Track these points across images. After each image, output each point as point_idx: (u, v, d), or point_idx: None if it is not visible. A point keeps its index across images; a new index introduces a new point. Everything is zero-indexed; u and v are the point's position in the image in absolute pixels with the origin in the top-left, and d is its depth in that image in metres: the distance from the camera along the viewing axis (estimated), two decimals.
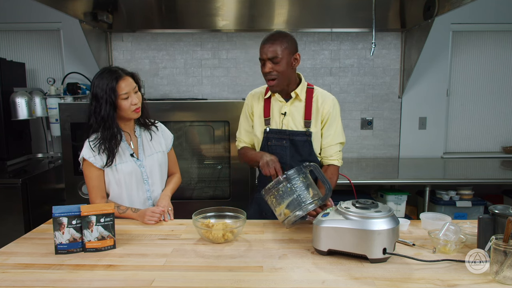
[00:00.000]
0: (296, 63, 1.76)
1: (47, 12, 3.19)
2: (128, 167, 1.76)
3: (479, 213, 2.99)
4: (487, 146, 3.73)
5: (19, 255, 1.38)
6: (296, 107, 1.83)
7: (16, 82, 3.25)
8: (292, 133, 1.81)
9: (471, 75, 3.64)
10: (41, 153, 3.58)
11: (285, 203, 1.49)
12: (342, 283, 1.16)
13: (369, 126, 3.62)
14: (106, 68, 1.70)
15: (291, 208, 1.48)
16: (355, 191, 2.10)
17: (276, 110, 1.85)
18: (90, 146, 1.70)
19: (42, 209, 2.92)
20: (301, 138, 1.80)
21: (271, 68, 1.70)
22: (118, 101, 1.65)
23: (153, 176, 1.83)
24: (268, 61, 1.70)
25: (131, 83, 1.70)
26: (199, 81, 3.58)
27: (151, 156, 1.83)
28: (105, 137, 1.67)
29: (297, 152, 1.82)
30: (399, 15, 3.25)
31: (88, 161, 1.70)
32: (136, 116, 1.74)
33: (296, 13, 3.20)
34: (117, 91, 1.64)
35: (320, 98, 1.82)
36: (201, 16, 3.22)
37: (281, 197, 1.50)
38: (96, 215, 1.40)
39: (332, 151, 1.83)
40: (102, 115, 1.64)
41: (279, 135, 1.83)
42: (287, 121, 1.82)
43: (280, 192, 1.50)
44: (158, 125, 1.92)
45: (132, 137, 1.81)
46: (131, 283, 1.16)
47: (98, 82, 1.65)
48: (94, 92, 1.65)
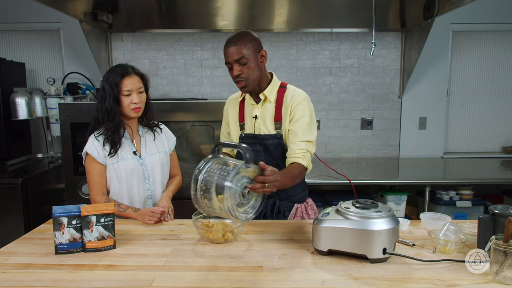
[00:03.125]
0: (264, 60, 1.71)
1: (47, 12, 3.19)
2: (130, 164, 1.77)
3: (479, 213, 2.99)
4: (487, 146, 3.73)
5: (19, 255, 1.38)
6: (266, 108, 1.75)
7: (16, 82, 3.25)
8: (263, 137, 1.75)
9: (471, 75, 3.64)
10: (41, 153, 3.58)
11: (214, 198, 1.26)
12: (342, 283, 1.16)
13: (369, 126, 3.62)
14: (120, 64, 1.76)
15: (222, 193, 1.23)
16: (355, 191, 2.10)
17: (248, 113, 1.80)
18: (96, 137, 1.74)
19: (42, 209, 2.92)
20: (273, 142, 1.74)
21: (239, 70, 1.64)
22: (120, 96, 1.70)
23: (154, 175, 1.84)
24: (235, 64, 1.64)
25: (137, 83, 1.73)
26: (199, 81, 3.58)
27: (153, 155, 1.84)
28: (109, 128, 1.72)
29: (271, 157, 1.75)
30: (399, 15, 3.25)
31: (91, 156, 1.73)
32: (134, 115, 1.76)
33: (296, 13, 3.20)
34: (120, 86, 1.69)
35: (290, 96, 1.73)
36: (201, 16, 3.22)
37: (207, 190, 1.27)
38: (96, 215, 1.40)
39: (295, 147, 1.65)
40: (106, 106, 1.70)
41: (252, 140, 1.77)
42: (259, 124, 1.76)
43: (203, 198, 1.29)
44: (162, 127, 1.95)
45: (135, 136, 1.84)
46: (131, 283, 1.16)
47: (107, 76, 1.72)
48: (103, 84, 1.73)
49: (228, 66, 1.69)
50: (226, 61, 1.68)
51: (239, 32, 1.69)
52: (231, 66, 1.67)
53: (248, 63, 1.65)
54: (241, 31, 1.70)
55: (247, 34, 1.68)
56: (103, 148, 1.74)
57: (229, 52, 1.65)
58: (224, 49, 1.68)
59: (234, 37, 1.67)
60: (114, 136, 1.73)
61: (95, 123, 1.76)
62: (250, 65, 1.66)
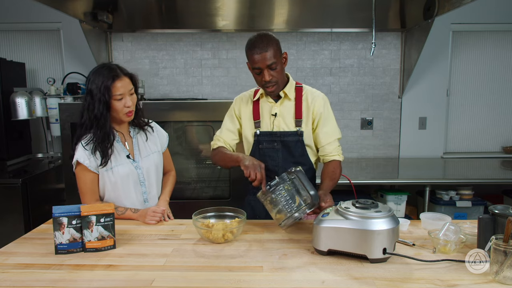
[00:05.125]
0: (285, 61, 1.73)
1: (47, 12, 3.19)
2: (124, 169, 1.71)
3: (479, 213, 2.99)
4: (487, 146, 3.73)
5: (19, 255, 1.38)
6: (286, 107, 1.79)
7: (16, 82, 3.25)
8: (283, 134, 1.78)
9: (471, 75, 3.64)
10: (41, 153, 3.58)
11: (275, 212, 1.52)
12: (342, 283, 1.16)
13: (369, 126, 3.62)
14: (105, 64, 1.64)
15: (281, 214, 1.50)
16: (355, 191, 2.10)
17: (266, 111, 1.81)
18: (84, 147, 1.64)
19: (42, 209, 2.92)
20: (293, 139, 1.78)
21: (270, 75, 1.66)
22: (111, 101, 1.60)
23: (150, 178, 1.80)
24: (266, 69, 1.65)
25: (128, 85, 1.64)
26: (199, 81, 3.58)
27: (147, 157, 1.79)
28: (98, 136, 1.62)
29: (290, 154, 1.79)
30: (399, 15, 3.25)
31: (83, 165, 1.64)
32: (127, 119, 1.69)
33: (296, 13, 3.20)
34: (111, 90, 1.58)
35: (310, 97, 1.79)
36: (201, 16, 3.22)
37: (271, 206, 1.53)
38: (96, 215, 1.40)
39: (331, 147, 1.79)
40: (95, 113, 1.58)
41: (270, 137, 1.79)
42: (278, 122, 1.79)
43: (268, 202, 1.53)
44: (153, 125, 1.88)
45: (127, 138, 1.77)
46: (131, 283, 1.16)
47: (94, 78, 1.59)
48: (89, 87, 1.59)
49: (257, 71, 1.68)
50: (254, 66, 1.66)
51: (265, 36, 1.66)
52: (261, 71, 1.66)
53: (277, 68, 1.66)
54: (264, 34, 1.67)
55: (272, 37, 1.67)
56: (94, 157, 1.64)
57: (260, 58, 1.63)
58: (252, 54, 1.64)
59: (261, 41, 1.63)
60: (103, 145, 1.63)
61: (81, 130, 1.64)
62: (279, 69, 1.67)
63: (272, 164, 1.78)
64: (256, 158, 1.71)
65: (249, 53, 1.66)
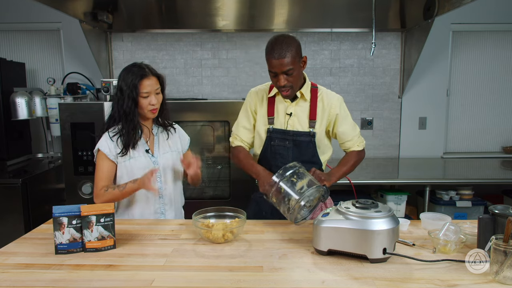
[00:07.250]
0: (304, 65, 1.72)
1: (47, 12, 3.19)
2: (142, 162, 1.77)
3: (479, 213, 2.99)
4: (487, 146, 3.73)
5: (19, 255, 1.38)
6: (301, 107, 1.80)
7: (16, 82, 3.25)
8: (296, 133, 1.79)
9: (471, 75, 3.64)
10: (41, 153, 3.58)
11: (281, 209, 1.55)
12: (342, 283, 1.16)
13: (369, 126, 3.62)
14: (136, 64, 1.75)
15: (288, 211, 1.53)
16: (355, 191, 2.10)
17: (281, 110, 1.81)
18: (110, 137, 1.73)
19: (42, 209, 2.92)
20: (305, 139, 1.79)
21: (286, 80, 1.65)
22: (138, 98, 1.70)
23: (166, 174, 1.83)
24: (282, 74, 1.64)
25: (155, 84, 1.73)
26: (199, 81, 3.58)
27: (165, 154, 1.84)
28: (127, 129, 1.71)
29: (300, 153, 1.80)
30: (399, 15, 3.25)
31: (103, 152, 1.73)
32: (151, 116, 1.77)
33: (296, 13, 3.20)
34: (138, 88, 1.68)
35: (326, 98, 1.81)
36: (201, 16, 3.22)
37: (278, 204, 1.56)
38: (96, 215, 1.40)
39: (350, 143, 1.86)
40: (124, 108, 1.69)
41: (282, 135, 1.81)
42: (293, 121, 1.80)
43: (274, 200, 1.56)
44: (176, 127, 1.94)
45: (149, 134, 1.84)
46: (131, 283, 1.16)
47: (124, 76, 1.71)
48: (120, 84, 1.71)
49: (272, 74, 1.68)
50: (272, 70, 1.66)
51: (285, 41, 1.62)
52: (276, 74, 1.66)
53: (294, 73, 1.65)
54: (284, 38, 1.64)
55: (292, 42, 1.63)
56: (116, 146, 1.73)
57: (277, 63, 1.61)
58: (269, 58, 1.63)
59: (280, 47, 1.61)
60: (130, 137, 1.72)
61: (110, 121, 1.76)
62: (296, 74, 1.66)
63: (282, 161, 1.77)
64: (268, 154, 1.83)
65: (267, 55, 1.65)
